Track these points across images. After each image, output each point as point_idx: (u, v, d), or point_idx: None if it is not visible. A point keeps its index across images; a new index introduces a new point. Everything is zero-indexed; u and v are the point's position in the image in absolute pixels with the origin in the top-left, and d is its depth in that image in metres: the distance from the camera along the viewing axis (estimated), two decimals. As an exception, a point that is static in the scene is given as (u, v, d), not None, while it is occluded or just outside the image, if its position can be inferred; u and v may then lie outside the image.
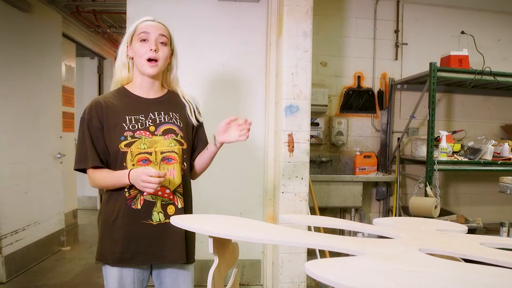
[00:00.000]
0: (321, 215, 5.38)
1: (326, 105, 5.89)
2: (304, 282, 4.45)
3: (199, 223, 1.96)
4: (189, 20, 4.88)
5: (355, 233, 5.48)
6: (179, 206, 2.52)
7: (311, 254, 4.78)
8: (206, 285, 1.90)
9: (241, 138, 2.55)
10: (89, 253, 6.31)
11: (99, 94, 9.38)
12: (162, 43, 2.53)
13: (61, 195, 6.44)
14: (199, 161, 2.75)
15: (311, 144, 4.64)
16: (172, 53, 2.65)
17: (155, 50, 2.48)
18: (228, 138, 2.56)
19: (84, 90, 9.29)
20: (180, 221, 1.93)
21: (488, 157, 5.35)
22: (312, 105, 4.45)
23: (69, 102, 7.44)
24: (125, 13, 4.78)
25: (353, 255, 1.49)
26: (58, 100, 6.45)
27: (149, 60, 2.48)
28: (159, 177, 2.23)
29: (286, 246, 4.30)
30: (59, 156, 6.23)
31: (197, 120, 2.73)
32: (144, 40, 2.49)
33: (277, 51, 4.72)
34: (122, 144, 2.40)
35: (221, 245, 1.99)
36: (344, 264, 1.34)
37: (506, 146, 5.56)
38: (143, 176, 2.22)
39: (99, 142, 2.45)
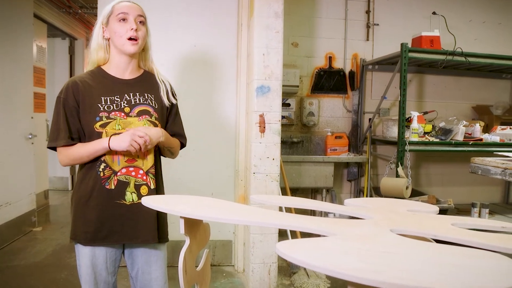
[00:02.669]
0: (292, 195, 5.39)
1: (298, 86, 5.90)
2: (275, 263, 4.46)
3: (170, 204, 1.95)
4: (160, 0, 4.81)
5: (326, 214, 5.50)
6: (152, 187, 2.52)
7: (282, 234, 4.80)
8: (178, 266, 1.89)
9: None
10: (60, 234, 6.25)
11: (71, 74, 9.30)
12: (140, 22, 2.54)
13: (33, 176, 6.38)
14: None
15: (282, 125, 4.64)
16: (147, 33, 2.65)
17: (136, 30, 2.48)
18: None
19: (55, 70, 9.16)
20: (151, 202, 1.92)
21: (460, 137, 5.39)
22: (283, 85, 4.43)
23: (40, 82, 7.32)
24: (96, -7, 4.71)
25: (324, 236, 1.49)
26: (30, 80, 6.36)
27: (130, 39, 2.48)
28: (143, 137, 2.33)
29: (258, 226, 4.31)
30: (30, 136, 6.15)
31: (171, 101, 2.71)
32: (123, 20, 2.48)
33: (249, 32, 4.69)
34: (97, 125, 2.40)
35: (192, 225, 1.98)
36: (315, 245, 1.33)
37: (477, 126, 5.62)
38: (139, 132, 2.33)
39: (74, 121, 2.45)
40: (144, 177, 2.50)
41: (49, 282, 4.55)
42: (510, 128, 5.62)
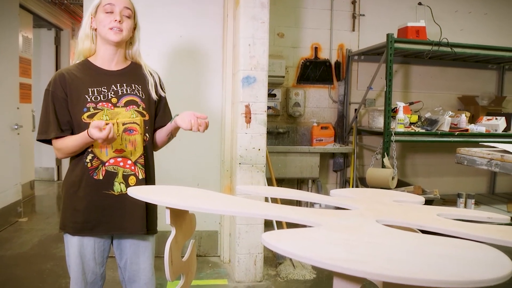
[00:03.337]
0: (278, 186, 5.40)
1: (283, 76, 5.89)
2: (261, 253, 4.47)
3: (156, 194, 1.95)
4: (145, -11, 4.79)
5: (312, 204, 5.52)
6: (140, 177, 2.53)
7: (268, 225, 4.80)
8: (164, 256, 1.88)
9: (193, 128, 2.52)
10: (46, 224, 6.23)
11: (57, 65, 9.27)
12: (126, 15, 2.54)
13: (18, 166, 6.37)
14: (158, 135, 2.78)
15: (268, 115, 4.64)
16: (135, 26, 2.67)
17: (120, 21, 2.48)
18: (183, 122, 2.53)
19: (41, 61, 9.09)
20: (137, 192, 1.92)
21: (445, 128, 5.40)
22: (269, 76, 4.43)
23: (26, 73, 7.29)
24: (81, -17, 4.67)
25: (310, 226, 1.48)
26: (15, 71, 6.34)
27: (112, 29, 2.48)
28: (103, 129, 2.22)
29: (243, 217, 4.31)
30: (16, 127, 6.14)
31: (159, 94, 2.73)
32: (110, 12, 2.49)
33: (235, 22, 4.67)
34: (85, 116, 2.41)
35: (178, 216, 1.98)
36: (301, 235, 1.33)
37: (463, 117, 5.63)
38: (94, 135, 2.22)
39: (64, 113, 2.46)
40: (133, 167, 2.51)
41: (35, 273, 4.53)
42: (496, 119, 5.64)
